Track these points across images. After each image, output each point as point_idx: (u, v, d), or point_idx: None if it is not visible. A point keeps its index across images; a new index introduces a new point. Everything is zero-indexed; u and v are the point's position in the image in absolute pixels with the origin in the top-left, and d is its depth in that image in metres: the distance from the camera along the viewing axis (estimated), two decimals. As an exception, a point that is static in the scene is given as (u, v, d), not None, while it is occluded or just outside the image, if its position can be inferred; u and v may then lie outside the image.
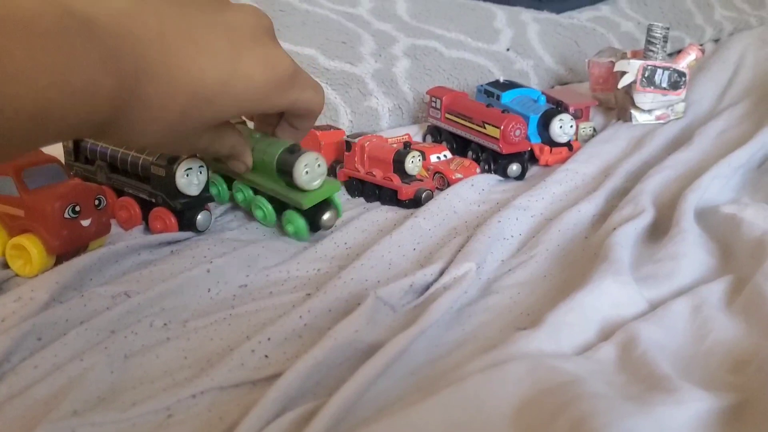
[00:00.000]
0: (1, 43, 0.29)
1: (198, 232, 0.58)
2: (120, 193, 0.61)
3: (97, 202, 0.53)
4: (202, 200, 0.58)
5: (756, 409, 0.35)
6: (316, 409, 0.33)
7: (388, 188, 0.66)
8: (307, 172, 0.54)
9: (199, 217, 0.58)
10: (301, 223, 0.57)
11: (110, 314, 0.44)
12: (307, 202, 0.55)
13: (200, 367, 0.40)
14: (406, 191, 0.66)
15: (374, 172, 0.67)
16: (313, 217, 0.57)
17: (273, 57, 0.43)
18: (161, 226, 0.58)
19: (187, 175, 0.56)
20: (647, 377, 0.36)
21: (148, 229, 0.59)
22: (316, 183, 0.55)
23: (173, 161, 0.56)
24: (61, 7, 0.33)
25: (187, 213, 0.58)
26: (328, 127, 0.76)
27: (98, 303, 0.46)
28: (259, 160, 0.55)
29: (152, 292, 0.46)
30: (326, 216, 0.57)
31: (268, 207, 0.59)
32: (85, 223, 0.52)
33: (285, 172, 0.54)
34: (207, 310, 0.47)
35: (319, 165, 0.54)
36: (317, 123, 0.80)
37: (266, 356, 0.40)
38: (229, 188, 0.62)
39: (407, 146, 0.68)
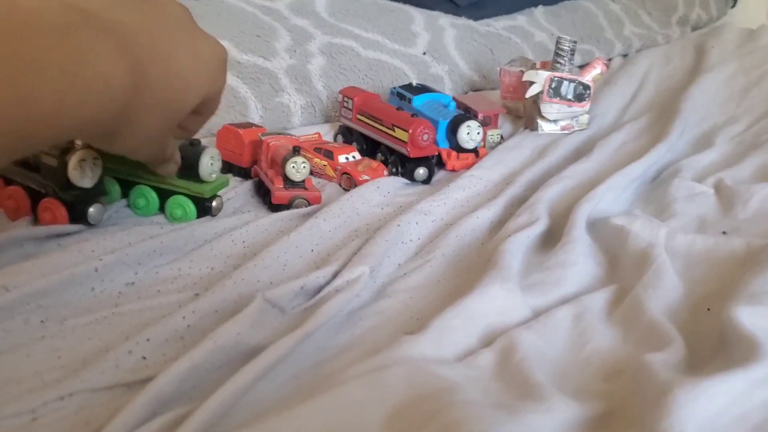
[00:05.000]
0: (6, 42, 0.30)
1: (89, 225, 0.56)
2: (9, 181, 0.58)
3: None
4: (95, 193, 0.56)
5: (623, 417, 0.36)
6: (188, 413, 0.33)
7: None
8: (211, 164, 0.58)
9: (91, 209, 0.56)
10: (192, 207, 0.59)
11: (-17, 310, 0.42)
12: (209, 192, 0.59)
13: (73, 368, 0.38)
14: (280, 196, 0.64)
15: (269, 174, 0.66)
16: (201, 205, 0.60)
17: (213, 41, 0.47)
18: (50, 218, 0.55)
19: (81, 167, 0.54)
20: (521, 385, 0.37)
21: (36, 221, 0.57)
22: (215, 175, 0.60)
23: (66, 151, 0.54)
24: (58, 2, 0.33)
25: (78, 205, 0.55)
26: (249, 125, 0.74)
27: (-28, 297, 0.43)
28: None
29: (30, 287, 0.44)
30: (215, 203, 0.60)
31: (153, 195, 0.60)
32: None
33: (188, 164, 0.57)
34: (89, 308, 0.45)
35: (219, 159, 0.60)
36: (236, 120, 0.79)
37: (144, 358, 0.38)
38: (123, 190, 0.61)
39: (296, 150, 0.65)
